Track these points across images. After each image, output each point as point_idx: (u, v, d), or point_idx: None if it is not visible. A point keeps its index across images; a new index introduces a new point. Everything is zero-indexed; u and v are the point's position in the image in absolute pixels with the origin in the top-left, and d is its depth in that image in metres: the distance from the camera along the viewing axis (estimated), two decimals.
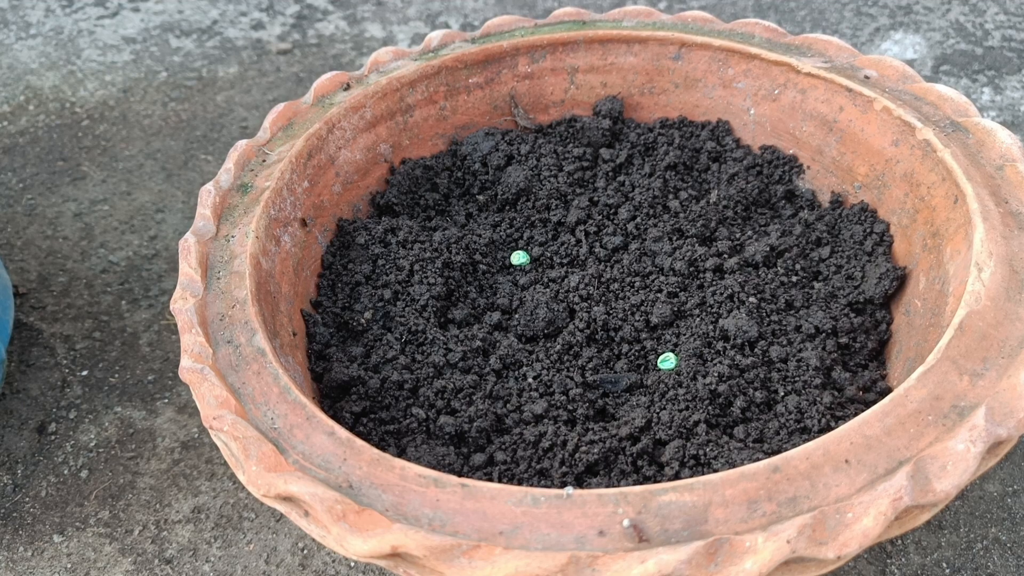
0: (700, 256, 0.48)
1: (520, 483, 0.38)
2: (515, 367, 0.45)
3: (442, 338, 0.46)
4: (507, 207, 0.55)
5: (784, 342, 0.44)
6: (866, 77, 0.50)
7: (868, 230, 0.49)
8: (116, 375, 0.62)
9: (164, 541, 0.52)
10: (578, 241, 0.52)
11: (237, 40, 1.03)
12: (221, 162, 0.82)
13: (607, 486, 0.38)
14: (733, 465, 0.37)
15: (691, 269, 0.48)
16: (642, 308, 0.46)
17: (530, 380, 0.44)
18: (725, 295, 0.46)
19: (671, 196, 0.53)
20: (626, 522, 0.29)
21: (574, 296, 0.47)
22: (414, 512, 0.30)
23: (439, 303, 0.48)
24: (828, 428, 0.39)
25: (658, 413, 0.41)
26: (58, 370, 0.63)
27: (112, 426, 0.59)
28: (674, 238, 0.51)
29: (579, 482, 0.38)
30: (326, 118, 0.51)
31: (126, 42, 1.03)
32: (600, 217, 0.53)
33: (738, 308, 0.45)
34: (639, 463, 0.39)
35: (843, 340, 0.44)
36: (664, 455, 0.39)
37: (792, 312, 0.46)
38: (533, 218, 0.53)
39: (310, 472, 0.32)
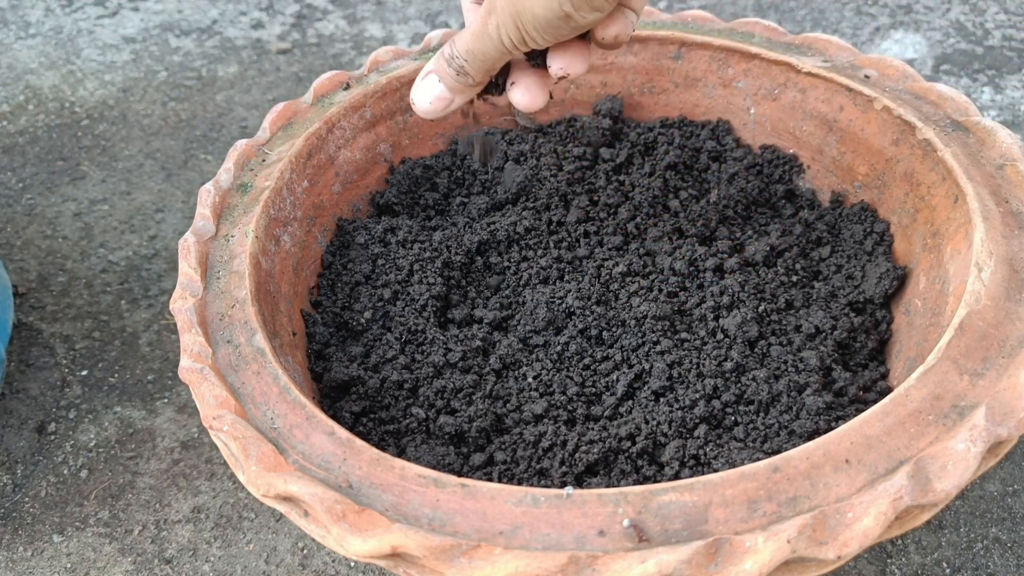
0: (700, 256, 0.48)
1: (520, 483, 0.38)
2: (515, 367, 0.45)
3: (442, 338, 0.46)
4: (507, 206, 0.55)
5: (784, 342, 0.44)
6: (866, 76, 0.50)
7: (868, 230, 0.49)
8: (116, 375, 0.62)
9: (164, 541, 0.52)
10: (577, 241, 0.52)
11: (237, 40, 1.03)
12: (221, 162, 0.82)
13: (607, 486, 0.38)
14: (733, 465, 0.37)
15: (691, 269, 0.48)
16: (642, 308, 0.46)
17: (530, 380, 0.44)
18: (725, 295, 0.46)
19: (671, 196, 0.53)
20: (626, 522, 0.29)
21: (574, 296, 0.47)
22: (414, 512, 0.30)
23: (439, 303, 0.48)
24: (828, 428, 0.39)
25: (658, 413, 0.41)
26: (58, 370, 0.63)
27: (112, 426, 0.59)
28: (674, 238, 0.51)
29: (579, 482, 0.38)
30: (326, 118, 0.51)
31: (126, 42, 1.03)
32: (600, 217, 0.52)
33: (738, 308, 0.45)
34: (639, 463, 0.39)
35: (843, 340, 0.44)
36: (664, 455, 0.39)
37: (792, 312, 0.46)
38: None
39: (310, 472, 0.32)
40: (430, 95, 0.41)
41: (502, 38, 0.37)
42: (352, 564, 0.50)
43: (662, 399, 0.42)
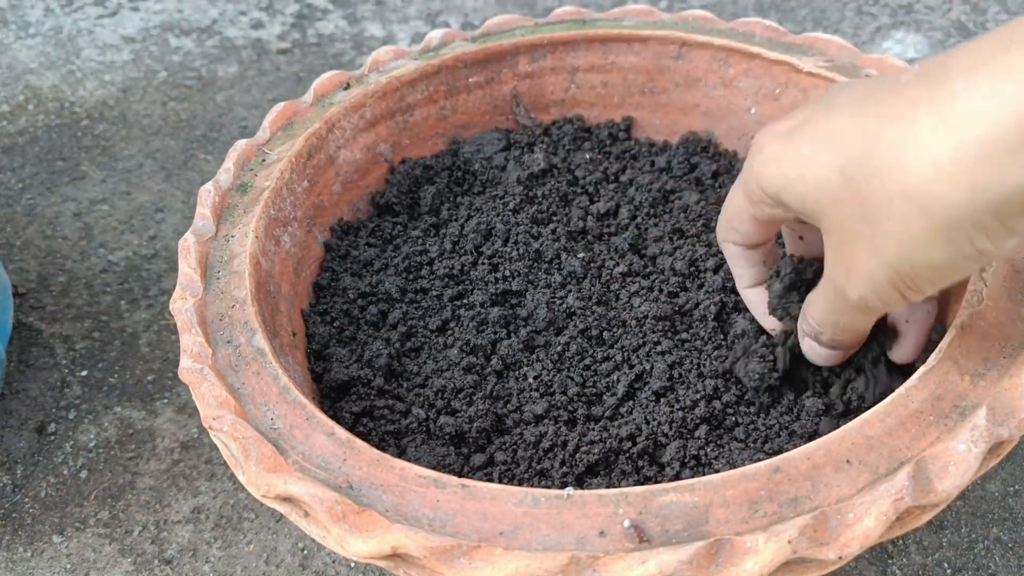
0: (701, 256, 0.48)
1: (520, 483, 0.38)
2: (515, 367, 0.45)
3: (442, 338, 0.46)
4: (507, 206, 0.55)
5: None
6: (868, 76, 0.50)
7: None
8: (116, 375, 0.62)
9: (164, 542, 0.52)
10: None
11: (237, 39, 1.03)
12: (221, 162, 0.82)
13: (607, 486, 0.38)
14: (734, 465, 0.37)
15: (692, 269, 0.48)
16: (642, 308, 0.46)
17: (530, 380, 0.44)
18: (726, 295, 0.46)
19: (672, 195, 0.53)
20: (627, 523, 0.29)
21: (575, 296, 0.47)
22: (414, 513, 0.30)
23: (439, 303, 0.48)
24: (829, 429, 0.39)
25: (658, 413, 0.40)
26: (57, 370, 0.63)
27: (112, 426, 0.59)
28: (675, 238, 0.51)
29: (579, 482, 0.38)
30: (326, 117, 0.51)
31: (125, 41, 1.03)
32: (600, 216, 0.52)
33: (739, 308, 0.45)
34: (640, 463, 0.39)
35: None
36: (665, 455, 0.39)
37: None
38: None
39: (310, 473, 0.32)
40: (824, 359, 0.37)
41: (870, 305, 0.30)
42: (352, 565, 0.50)
43: (663, 399, 0.42)
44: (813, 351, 0.36)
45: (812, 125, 0.29)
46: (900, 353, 0.37)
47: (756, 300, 0.40)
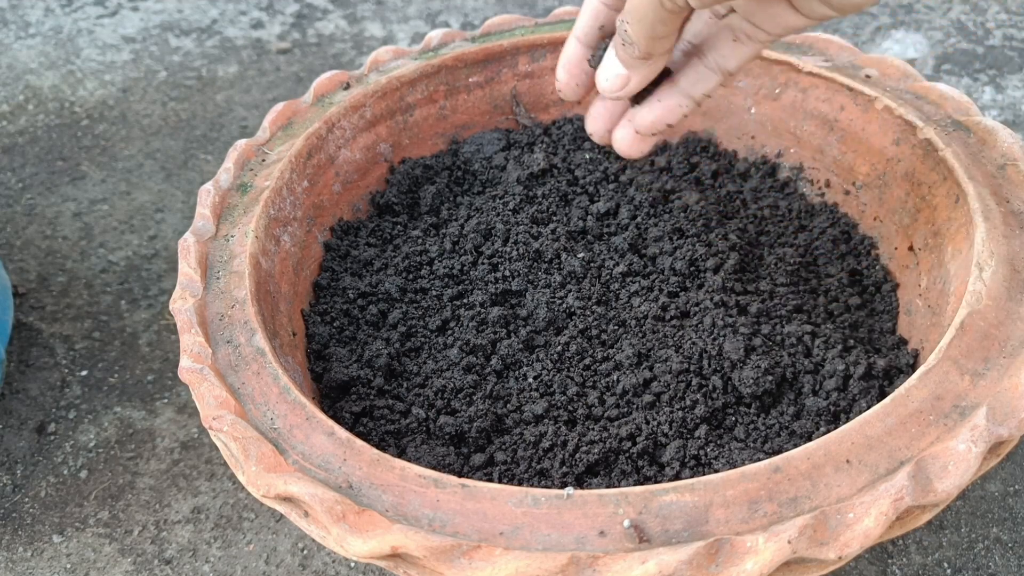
0: (701, 256, 0.48)
1: (520, 483, 0.38)
2: (515, 367, 0.45)
3: (442, 338, 0.46)
4: (507, 206, 0.55)
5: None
6: (867, 76, 0.50)
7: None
8: (116, 375, 0.62)
9: (164, 541, 0.52)
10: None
11: (237, 39, 1.03)
12: (220, 162, 0.82)
13: (607, 486, 0.38)
14: (734, 465, 0.37)
15: (692, 269, 0.48)
16: (642, 308, 0.46)
17: (530, 380, 0.44)
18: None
19: (672, 196, 0.53)
20: (627, 522, 0.29)
21: (574, 296, 0.47)
22: (414, 513, 0.30)
23: (439, 303, 0.48)
24: (829, 428, 0.39)
25: (658, 413, 0.40)
26: (57, 370, 0.63)
27: (112, 426, 0.59)
28: (675, 237, 0.50)
29: (579, 482, 0.38)
30: (326, 117, 0.51)
31: (125, 41, 1.03)
32: (600, 215, 0.52)
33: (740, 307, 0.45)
34: (639, 463, 0.39)
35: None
36: (665, 455, 0.39)
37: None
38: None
39: (310, 472, 0.32)
40: (607, 71, 0.36)
41: None
42: (352, 565, 0.50)
43: (662, 399, 0.42)
44: (607, 64, 0.36)
45: None
46: (642, 117, 0.38)
47: (575, 55, 0.39)
